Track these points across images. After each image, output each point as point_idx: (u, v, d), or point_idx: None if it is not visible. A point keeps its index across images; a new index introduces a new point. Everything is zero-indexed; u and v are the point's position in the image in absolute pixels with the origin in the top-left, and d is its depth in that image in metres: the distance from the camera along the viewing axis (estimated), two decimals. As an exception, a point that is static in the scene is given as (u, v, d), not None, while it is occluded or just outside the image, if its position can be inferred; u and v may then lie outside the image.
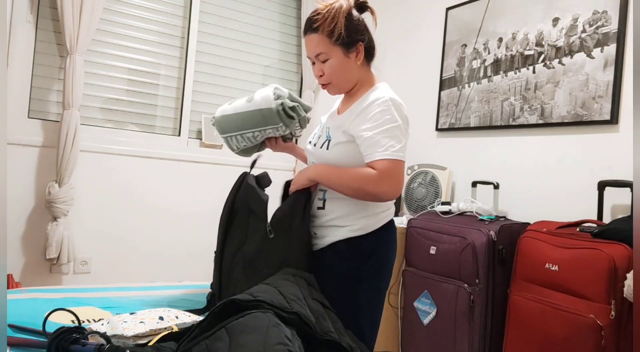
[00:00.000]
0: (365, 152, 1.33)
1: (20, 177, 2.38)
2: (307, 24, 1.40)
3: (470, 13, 2.71)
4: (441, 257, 2.17)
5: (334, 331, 1.05)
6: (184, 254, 2.82)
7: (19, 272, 2.40)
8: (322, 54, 1.39)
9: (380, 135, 1.30)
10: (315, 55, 1.40)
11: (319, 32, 1.37)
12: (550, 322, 1.78)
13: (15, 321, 1.27)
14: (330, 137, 1.43)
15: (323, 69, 1.41)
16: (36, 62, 2.45)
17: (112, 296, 1.68)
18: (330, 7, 1.37)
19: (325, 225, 1.42)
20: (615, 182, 1.94)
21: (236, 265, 1.40)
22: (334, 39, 1.36)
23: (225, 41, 3.01)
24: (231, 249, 1.42)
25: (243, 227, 1.42)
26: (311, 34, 1.39)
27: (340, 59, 1.39)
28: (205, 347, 0.91)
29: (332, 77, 1.41)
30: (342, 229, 1.39)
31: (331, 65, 1.39)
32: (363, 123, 1.34)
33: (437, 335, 2.18)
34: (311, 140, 1.53)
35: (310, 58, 1.44)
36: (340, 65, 1.40)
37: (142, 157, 2.69)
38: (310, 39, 1.39)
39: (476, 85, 2.64)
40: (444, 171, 2.67)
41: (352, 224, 1.39)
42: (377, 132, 1.31)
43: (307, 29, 1.40)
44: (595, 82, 2.10)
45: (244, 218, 1.43)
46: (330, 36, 1.36)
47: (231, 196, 1.47)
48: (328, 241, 1.40)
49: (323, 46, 1.38)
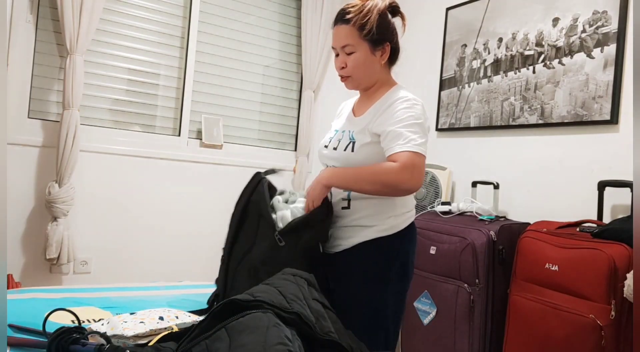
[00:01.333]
0: (387, 146, 1.32)
1: (20, 177, 2.38)
2: (340, 14, 1.41)
3: (470, 13, 2.71)
4: (441, 257, 2.17)
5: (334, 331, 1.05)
6: (184, 254, 2.82)
7: (19, 272, 2.40)
8: (349, 46, 1.39)
9: (404, 129, 1.30)
10: (341, 46, 1.40)
11: (350, 24, 1.37)
12: (550, 322, 1.78)
13: (15, 321, 1.27)
14: (354, 139, 1.41)
15: (347, 61, 1.41)
16: (36, 62, 2.45)
17: (112, 296, 1.68)
18: (366, 2, 1.39)
19: (351, 225, 1.40)
20: (615, 182, 1.93)
21: (241, 269, 1.38)
22: (364, 34, 1.37)
23: (225, 41, 3.01)
24: (238, 252, 1.41)
25: (252, 231, 1.41)
26: (341, 25, 1.39)
27: (366, 54, 1.40)
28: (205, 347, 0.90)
29: (354, 71, 1.41)
30: (369, 229, 1.38)
31: (356, 58, 1.39)
32: (387, 120, 1.34)
33: (437, 335, 2.18)
34: (327, 145, 1.50)
35: (335, 48, 1.44)
36: (365, 60, 1.40)
37: (142, 157, 2.69)
38: (340, 29, 1.40)
39: (476, 85, 2.64)
40: (444, 171, 2.67)
41: (379, 224, 1.38)
42: (400, 126, 1.31)
43: (338, 20, 1.41)
44: (595, 82, 2.10)
45: (253, 222, 1.41)
46: (360, 30, 1.37)
47: (245, 197, 1.46)
48: (354, 242, 1.39)
49: (351, 38, 1.38)
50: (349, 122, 1.49)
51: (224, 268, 1.42)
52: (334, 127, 1.57)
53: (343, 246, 1.41)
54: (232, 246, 1.42)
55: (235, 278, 1.39)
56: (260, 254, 1.37)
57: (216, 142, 2.93)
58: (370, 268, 1.39)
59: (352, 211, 1.40)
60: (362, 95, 1.52)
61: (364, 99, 1.50)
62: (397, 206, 1.40)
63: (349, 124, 1.48)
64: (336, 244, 1.42)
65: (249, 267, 1.37)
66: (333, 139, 1.50)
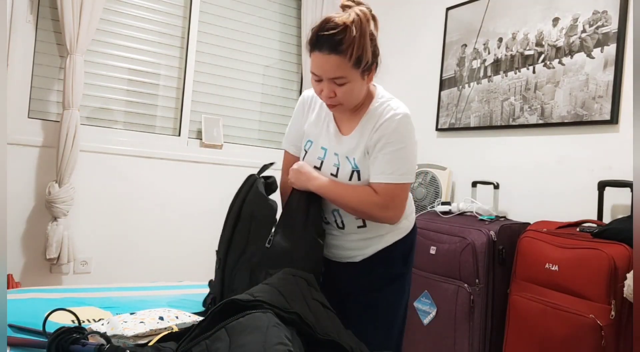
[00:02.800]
0: (372, 170, 1.31)
1: (20, 177, 2.38)
2: (327, 42, 1.20)
3: (470, 13, 2.71)
4: (441, 257, 2.17)
5: (334, 331, 1.05)
6: (184, 254, 2.82)
7: (19, 272, 2.40)
8: (342, 78, 1.24)
9: (389, 156, 1.28)
10: (332, 78, 1.24)
11: (343, 55, 1.20)
12: (550, 322, 1.78)
13: (15, 321, 1.27)
14: (357, 167, 1.34)
15: (336, 91, 1.26)
16: (36, 62, 2.45)
17: (112, 296, 1.68)
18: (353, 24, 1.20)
19: (369, 237, 1.42)
20: (615, 182, 1.93)
21: (238, 272, 1.37)
22: (358, 65, 1.23)
23: (225, 41, 3.01)
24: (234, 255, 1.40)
25: (244, 233, 1.41)
26: (331, 54, 1.21)
27: (358, 83, 1.28)
28: (205, 347, 0.91)
29: (345, 99, 1.29)
30: (386, 236, 1.42)
31: (349, 89, 1.26)
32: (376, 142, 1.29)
33: (437, 335, 2.18)
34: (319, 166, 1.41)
35: (319, 76, 1.27)
36: (358, 88, 1.29)
37: (142, 157, 2.69)
38: (329, 59, 1.21)
39: (476, 85, 2.64)
40: (444, 171, 2.67)
41: (395, 229, 1.42)
42: (385, 153, 1.28)
43: (327, 48, 1.21)
44: (595, 82, 2.10)
45: (246, 224, 1.41)
46: (352, 60, 1.22)
47: (240, 199, 1.45)
48: (373, 250, 1.42)
49: (344, 70, 1.23)
50: (338, 143, 1.38)
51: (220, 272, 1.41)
52: (318, 142, 1.43)
53: (362, 255, 1.43)
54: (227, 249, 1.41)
55: (232, 280, 1.38)
56: (256, 256, 1.36)
57: (216, 142, 2.93)
58: (387, 270, 1.43)
59: (369, 228, 1.41)
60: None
61: (348, 114, 1.38)
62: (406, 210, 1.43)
63: (339, 144, 1.38)
64: (354, 255, 1.44)
65: (246, 269, 1.36)
66: (325, 161, 1.40)
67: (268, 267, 1.32)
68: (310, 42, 1.26)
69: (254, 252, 1.35)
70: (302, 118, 1.49)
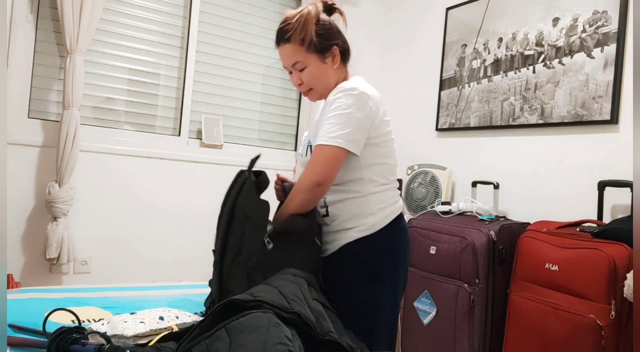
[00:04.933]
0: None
1: (20, 177, 2.38)
2: (279, 34, 1.40)
3: (470, 13, 2.71)
4: (441, 257, 2.17)
5: (334, 331, 1.05)
6: (184, 254, 2.82)
7: (19, 272, 2.40)
8: (299, 62, 1.40)
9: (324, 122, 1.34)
10: (291, 64, 1.41)
11: (292, 42, 1.38)
12: (550, 322, 1.79)
13: (15, 321, 1.27)
14: (310, 142, 1.44)
15: (301, 77, 1.42)
16: (36, 62, 2.45)
17: (112, 296, 1.68)
18: (298, 15, 1.37)
19: (333, 230, 1.42)
20: (615, 182, 1.94)
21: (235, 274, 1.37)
22: (307, 47, 1.38)
23: (225, 41, 3.00)
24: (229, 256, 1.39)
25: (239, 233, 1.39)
26: (284, 45, 1.39)
27: (318, 66, 1.41)
28: (205, 347, 0.90)
29: (312, 84, 1.43)
30: (350, 231, 1.39)
31: (309, 72, 1.41)
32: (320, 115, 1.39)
33: (437, 335, 2.18)
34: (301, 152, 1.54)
35: (287, 68, 1.45)
36: (319, 71, 1.41)
37: (142, 157, 2.69)
38: (284, 49, 1.40)
39: (476, 85, 2.64)
40: (444, 171, 2.67)
41: (359, 225, 1.39)
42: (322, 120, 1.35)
43: (280, 40, 1.40)
44: (595, 82, 2.10)
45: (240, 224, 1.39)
46: (302, 44, 1.37)
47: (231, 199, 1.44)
48: (338, 245, 1.40)
49: (298, 55, 1.39)
50: (312, 126, 1.52)
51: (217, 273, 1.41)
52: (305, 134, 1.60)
53: (329, 250, 1.43)
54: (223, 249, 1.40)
55: (229, 283, 1.37)
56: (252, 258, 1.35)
57: (216, 142, 2.93)
58: (359, 268, 1.39)
59: (332, 217, 1.42)
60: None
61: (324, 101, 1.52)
62: (372, 203, 1.39)
63: (310, 127, 1.52)
64: (324, 249, 1.44)
65: (242, 271, 1.35)
66: (303, 145, 1.53)
67: (265, 271, 1.32)
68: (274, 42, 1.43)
69: (250, 255, 1.34)
70: None
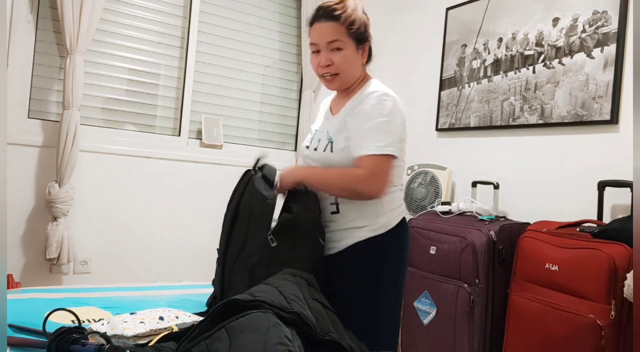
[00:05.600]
0: (353, 145, 1.34)
1: (20, 177, 2.38)
2: (325, 12, 1.36)
3: (470, 13, 2.71)
4: (441, 257, 2.17)
5: (334, 331, 1.05)
6: (184, 253, 2.82)
7: (19, 272, 2.40)
8: (338, 41, 1.36)
9: (371, 129, 1.32)
10: (329, 41, 1.36)
11: (339, 21, 1.35)
12: (550, 322, 1.79)
13: (15, 321, 1.27)
14: (332, 139, 1.41)
15: (333, 58, 1.37)
16: (36, 62, 2.45)
17: (112, 296, 1.68)
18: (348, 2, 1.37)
19: (343, 228, 1.41)
20: (615, 182, 1.94)
21: (237, 270, 1.37)
22: (352, 31, 1.36)
23: (225, 41, 3.00)
24: (233, 253, 1.39)
25: (243, 230, 1.39)
26: (327, 22, 1.36)
27: (353, 52, 1.39)
28: (205, 348, 0.90)
29: (342, 68, 1.38)
30: (361, 229, 1.39)
31: (344, 55, 1.37)
32: (357, 117, 1.36)
33: (437, 335, 2.18)
34: (309, 145, 1.51)
35: (318, 45, 1.39)
36: (353, 58, 1.39)
37: (142, 157, 2.69)
38: (326, 26, 1.36)
39: (476, 85, 2.64)
40: (444, 171, 2.67)
41: (371, 224, 1.39)
42: (367, 127, 1.32)
43: (324, 16, 1.36)
44: (595, 82, 2.10)
45: (244, 222, 1.39)
46: (349, 27, 1.35)
47: (237, 197, 1.44)
48: (347, 244, 1.40)
49: (340, 34, 1.36)
50: (327, 121, 1.50)
51: (220, 269, 1.41)
52: (314, 127, 1.57)
53: (336, 248, 1.41)
54: (227, 246, 1.40)
55: (231, 279, 1.37)
56: (255, 255, 1.35)
57: (216, 142, 2.93)
58: (364, 268, 1.39)
59: (342, 214, 1.41)
60: (340, 93, 1.51)
61: (342, 97, 1.49)
62: (385, 203, 1.41)
63: (327, 123, 1.49)
64: (329, 248, 1.43)
65: (245, 267, 1.35)
66: (313, 139, 1.50)
67: (267, 267, 1.32)
68: (310, 16, 1.41)
69: (253, 251, 1.35)
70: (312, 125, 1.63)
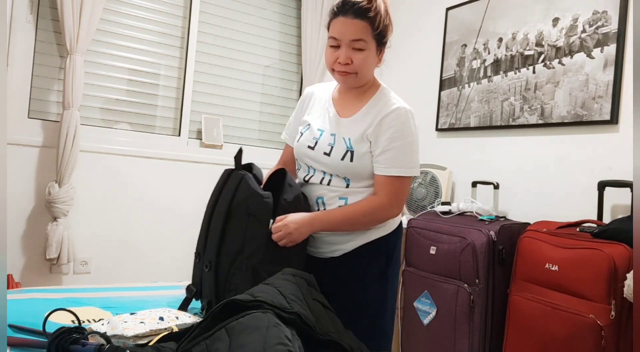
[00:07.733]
0: (379, 161, 1.34)
1: (20, 177, 2.38)
2: (355, 8, 1.29)
3: (470, 13, 2.71)
4: (441, 257, 2.17)
5: (334, 331, 1.05)
6: (184, 254, 2.82)
7: (19, 272, 2.40)
8: (362, 41, 1.31)
9: (401, 149, 1.33)
10: (353, 39, 1.31)
11: (368, 21, 1.29)
12: (550, 322, 1.78)
13: (15, 321, 1.27)
14: (352, 148, 1.36)
15: (353, 57, 1.32)
16: (36, 62, 2.45)
17: (112, 296, 1.67)
18: (382, 1, 1.33)
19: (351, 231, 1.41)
20: (615, 182, 1.93)
21: (237, 272, 1.35)
22: (377, 33, 1.32)
23: (225, 41, 3.01)
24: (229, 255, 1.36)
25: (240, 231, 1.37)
26: (356, 19, 1.29)
27: (373, 54, 1.36)
28: (205, 348, 0.90)
29: (360, 69, 1.34)
30: (370, 231, 1.40)
31: (366, 57, 1.33)
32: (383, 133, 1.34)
33: (437, 335, 2.18)
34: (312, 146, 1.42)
35: (339, 40, 1.32)
36: (372, 60, 1.36)
37: (142, 157, 2.69)
38: (354, 23, 1.29)
39: (476, 85, 2.64)
40: (444, 171, 2.67)
41: (381, 225, 1.41)
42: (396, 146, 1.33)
43: (353, 13, 1.29)
44: (595, 82, 2.10)
45: (241, 222, 1.36)
46: (375, 29, 1.31)
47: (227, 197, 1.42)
48: (356, 244, 1.40)
49: (366, 34, 1.31)
50: (337, 125, 1.41)
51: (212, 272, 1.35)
52: (315, 125, 1.45)
53: (343, 249, 1.41)
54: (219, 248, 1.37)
55: (230, 281, 1.35)
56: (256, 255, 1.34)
57: (216, 142, 2.93)
58: (373, 267, 1.41)
59: None
60: (346, 92, 1.45)
61: (350, 98, 1.43)
62: None
63: (337, 126, 1.40)
64: (335, 249, 1.43)
65: (247, 268, 1.34)
66: (320, 141, 1.41)
67: (270, 265, 1.32)
68: (335, 7, 1.33)
69: (254, 251, 1.34)
70: (303, 111, 1.55)
